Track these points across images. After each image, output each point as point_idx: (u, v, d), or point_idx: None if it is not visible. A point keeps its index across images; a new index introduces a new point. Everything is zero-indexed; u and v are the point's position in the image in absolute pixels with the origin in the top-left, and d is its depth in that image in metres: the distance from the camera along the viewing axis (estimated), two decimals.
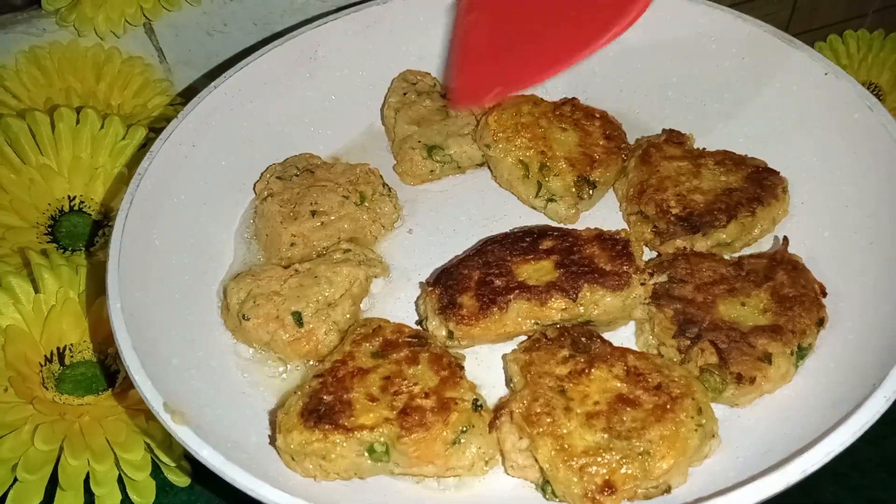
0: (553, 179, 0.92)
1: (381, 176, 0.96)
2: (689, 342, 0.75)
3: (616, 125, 0.99)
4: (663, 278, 0.81)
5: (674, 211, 0.87)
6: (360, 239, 0.91)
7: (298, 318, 0.80)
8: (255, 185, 0.97)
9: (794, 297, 0.78)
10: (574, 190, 0.92)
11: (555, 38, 0.82)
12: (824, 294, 0.80)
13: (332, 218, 0.90)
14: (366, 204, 0.92)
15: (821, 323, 0.77)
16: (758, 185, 0.88)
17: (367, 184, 0.94)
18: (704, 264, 0.82)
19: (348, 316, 0.83)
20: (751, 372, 0.73)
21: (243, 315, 0.81)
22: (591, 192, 0.93)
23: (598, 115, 0.98)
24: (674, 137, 0.96)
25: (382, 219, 0.94)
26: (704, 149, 0.96)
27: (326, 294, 0.82)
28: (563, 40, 0.81)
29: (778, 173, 0.90)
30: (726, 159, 0.92)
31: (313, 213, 0.89)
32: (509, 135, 0.95)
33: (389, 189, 0.96)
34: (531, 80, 0.84)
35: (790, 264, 0.81)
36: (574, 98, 1.00)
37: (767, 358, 0.73)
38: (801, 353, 0.76)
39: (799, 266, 0.82)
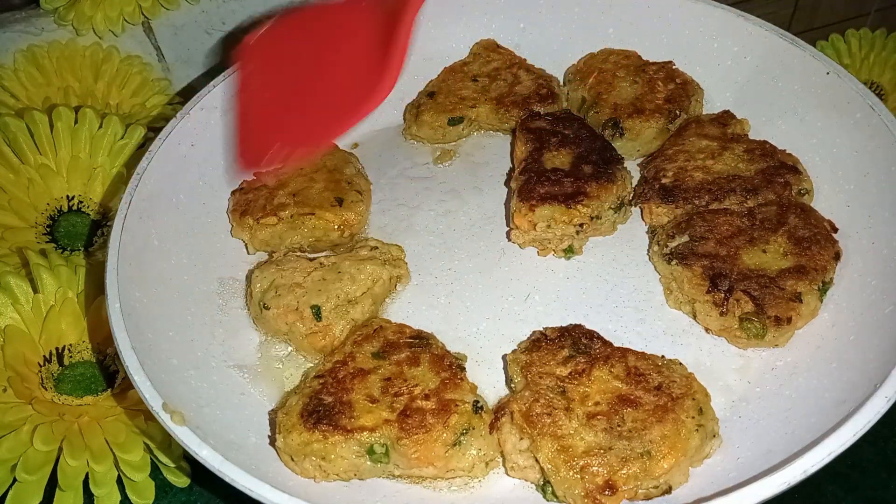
0: (593, 115, 1.01)
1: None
2: (723, 295, 0.78)
3: (684, 95, 0.98)
4: (685, 238, 0.83)
5: (663, 180, 0.90)
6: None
7: (317, 312, 0.79)
8: None
9: (810, 237, 0.81)
10: (600, 126, 0.99)
11: (327, 103, 0.83)
12: (835, 230, 0.83)
13: None
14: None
15: (837, 257, 0.80)
16: (765, 180, 0.87)
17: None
18: (720, 219, 0.84)
19: (367, 315, 0.82)
20: (787, 313, 0.76)
21: (264, 304, 0.81)
22: (612, 134, 0.97)
23: (677, 80, 1.00)
24: (721, 118, 0.96)
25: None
26: (747, 135, 0.95)
27: (347, 290, 0.81)
28: (334, 105, 0.82)
29: (799, 174, 0.88)
30: (758, 149, 0.91)
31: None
32: (583, 76, 1.04)
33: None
34: (311, 143, 0.84)
35: (798, 207, 0.84)
36: (670, 62, 1.03)
37: (798, 297, 0.77)
38: (824, 288, 0.79)
39: (806, 207, 0.85)
